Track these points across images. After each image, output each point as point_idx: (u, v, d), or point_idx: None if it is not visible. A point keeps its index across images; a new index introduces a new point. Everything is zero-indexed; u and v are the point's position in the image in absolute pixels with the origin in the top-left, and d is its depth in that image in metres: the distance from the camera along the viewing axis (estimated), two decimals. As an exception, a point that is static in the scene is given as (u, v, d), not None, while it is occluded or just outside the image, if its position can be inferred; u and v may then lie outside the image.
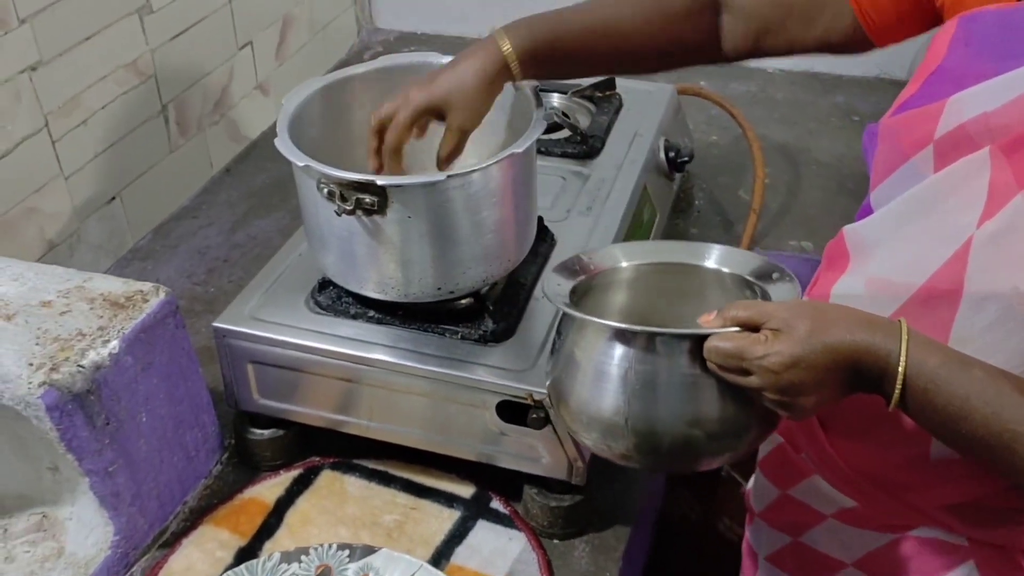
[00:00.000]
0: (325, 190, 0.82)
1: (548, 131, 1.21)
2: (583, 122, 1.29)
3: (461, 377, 0.86)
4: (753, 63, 1.81)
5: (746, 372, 0.66)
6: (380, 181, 0.79)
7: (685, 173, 1.34)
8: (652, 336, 0.69)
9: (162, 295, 0.89)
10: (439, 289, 0.87)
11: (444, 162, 0.86)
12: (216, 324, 0.92)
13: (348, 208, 0.80)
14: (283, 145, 0.84)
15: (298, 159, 0.82)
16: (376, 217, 0.82)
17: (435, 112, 0.84)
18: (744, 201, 1.44)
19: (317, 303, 0.94)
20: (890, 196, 0.72)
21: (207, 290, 1.25)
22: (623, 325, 0.72)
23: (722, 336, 0.67)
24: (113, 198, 1.27)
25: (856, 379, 0.65)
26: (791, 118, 1.66)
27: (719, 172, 1.50)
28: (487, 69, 0.84)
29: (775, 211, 1.42)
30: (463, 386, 0.86)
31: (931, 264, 0.68)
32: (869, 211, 0.76)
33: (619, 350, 0.70)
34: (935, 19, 0.77)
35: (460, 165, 0.85)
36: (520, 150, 0.82)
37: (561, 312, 0.75)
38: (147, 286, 0.90)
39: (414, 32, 1.96)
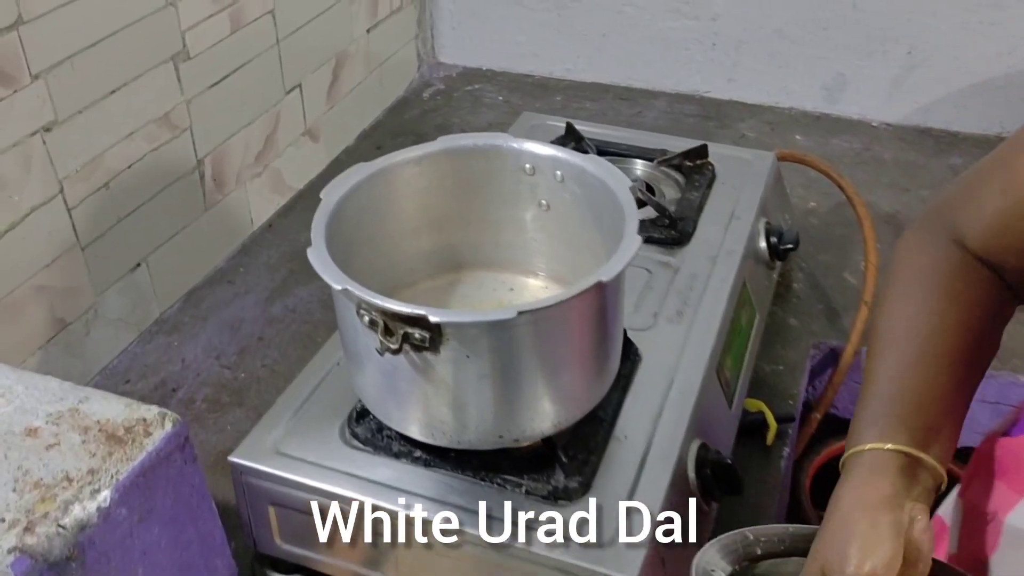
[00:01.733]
0: (366, 318, 0.66)
1: (630, 208, 1.04)
2: (670, 194, 1.12)
3: (522, 550, 0.70)
4: (855, 115, 1.63)
5: None
6: (433, 317, 0.63)
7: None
8: None
9: (169, 426, 0.74)
10: (500, 437, 0.71)
11: None
12: (233, 459, 0.77)
13: (393, 346, 0.65)
14: (317, 258, 0.69)
15: (335, 279, 0.66)
16: (427, 354, 0.66)
17: None
18: (851, 285, 1.25)
19: (354, 434, 0.78)
20: None
21: (237, 376, 1.11)
22: None
23: None
24: (138, 265, 1.13)
25: None
26: (901, 182, 1.46)
27: (820, 247, 1.32)
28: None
29: (887, 299, 1.22)
30: (525, 559, 0.70)
31: None
32: None
33: None
34: None
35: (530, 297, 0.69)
36: (608, 278, 0.66)
37: None
38: (152, 413, 0.75)
39: (479, 68, 1.81)
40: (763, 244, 1.08)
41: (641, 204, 1.06)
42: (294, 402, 0.82)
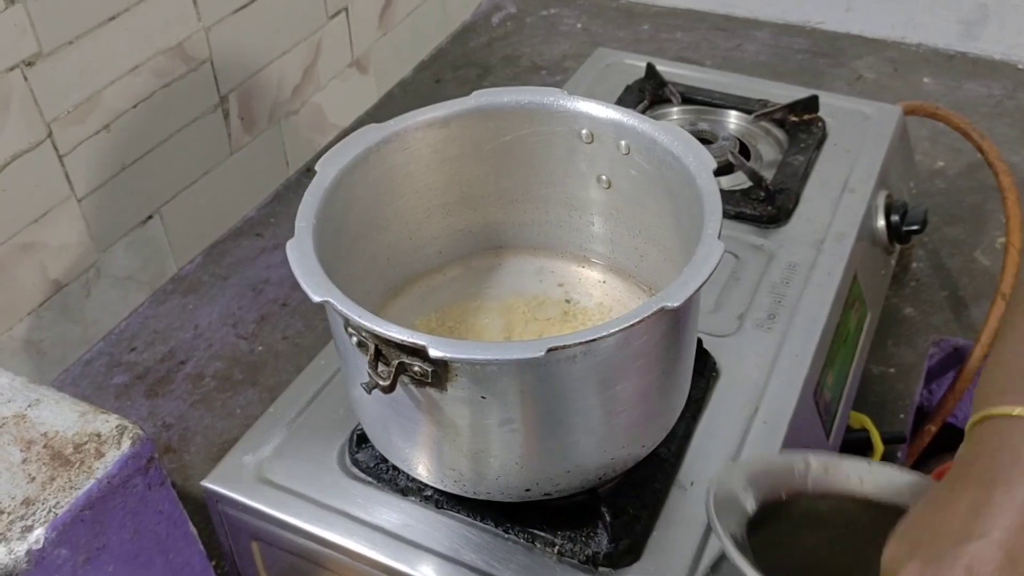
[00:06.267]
0: (354, 339, 0.51)
1: (717, 173, 0.85)
2: (768, 156, 0.92)
3: (550, 637, 0.55)
4: (998, 54, 1.38)
5: None
6: (435, 351, 0.47)
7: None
8: None
9: (127, 445, 0.61)
10: (527, 491, 0.56)
11: None
12: (206, 485, 0.64)
13: (383, 382, 0.49)
14: (296, 255, 0.53)
15: (314, 287, 0.51)
16: (430, 390, 0.51)
17: None
18: (984, 268, 1.04)
19: (355, 462, 0.64)
20: None
21: (253, 348, 0.97)
22: None
23: None
24: (150, 216, 1.00)
25: None
26: (1051, 140, 1.22)
27: (947, 219, 1.10)
28: None
29: (1028, 287, 1.01)
30: (553, 647, 0.55)
31: None
32: None
33: None
34: None
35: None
36: (675, 304, 0.49)
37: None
38: (109, 425, 0.61)
39: (557, -12, 1.60)
40: (881, 224, 0.88)
41: (730, 169, 0.88)
42: (288, 412, 0.68)
